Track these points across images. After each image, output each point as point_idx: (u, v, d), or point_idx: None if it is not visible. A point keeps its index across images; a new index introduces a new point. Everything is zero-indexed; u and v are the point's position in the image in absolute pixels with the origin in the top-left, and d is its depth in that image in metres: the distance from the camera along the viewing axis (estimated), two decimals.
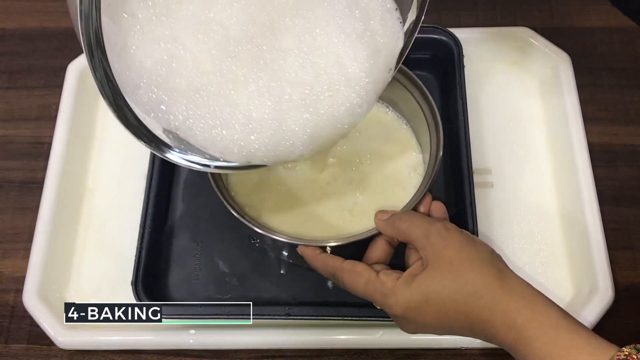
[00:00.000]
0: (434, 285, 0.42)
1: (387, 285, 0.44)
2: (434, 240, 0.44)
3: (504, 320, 0.40)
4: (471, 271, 0.42)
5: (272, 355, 0.57)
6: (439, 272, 0.43)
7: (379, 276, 0.45)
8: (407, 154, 0.58)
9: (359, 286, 0.46)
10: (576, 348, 0.38)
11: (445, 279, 0.42)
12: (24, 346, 0.58)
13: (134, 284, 0.54)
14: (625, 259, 0.59)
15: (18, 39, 0.75)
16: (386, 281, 0.45)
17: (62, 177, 0.62)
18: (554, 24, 0.72)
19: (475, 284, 0.42)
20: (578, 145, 0.62)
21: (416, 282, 0.43)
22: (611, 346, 0.38)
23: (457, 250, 0.43)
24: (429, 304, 0.42)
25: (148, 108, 0.41)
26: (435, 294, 0.42)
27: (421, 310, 0.43)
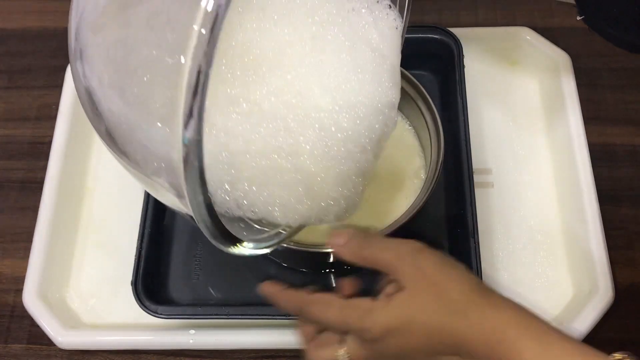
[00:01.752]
0: (416, 304, 0.39)
1: (363, 306, 0.41)
2: (409, 260, 0.41)
3: (493, 335, 0.38)
4: (454, 289, 0.40)
5: (272, 355, 0.57)
6: (421, 291, 0.40)
7: (351, 301, 0.42)
8: (410, 157, 0.58)
9: (331, 314, 0.41)
10: (569, 356, 0.38)
11: (428, 297, 0.39)
12: (24, 346, 0.58)
13: (134, 284, 0.54)
14: (625, 259, 0.59)
15: (18, 39, 0.75)
16: (361, 303, 0.41)
17: (62, 177, 0.62)
18: (554, 24, 0.72)
19: (460, 302, 0.39)
20: (578, 145, 0.62)
21: (395, 301, 0.40)
22: (602, 354, 0.38)
23: (435, 269, 0.40)
24: (412, 324, 0.39)
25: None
26: (419, 313, 0.39)
27: (404, 332, 0.39)
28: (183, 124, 0.28)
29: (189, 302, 0.58)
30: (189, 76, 0.28)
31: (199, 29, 0.27)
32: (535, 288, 0.58)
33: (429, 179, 0.53)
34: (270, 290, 0.45)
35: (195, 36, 0.27)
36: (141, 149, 0.36)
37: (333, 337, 0.43)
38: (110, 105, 0.36)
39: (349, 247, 0.43)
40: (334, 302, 0.42)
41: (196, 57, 0.27)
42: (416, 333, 0.39)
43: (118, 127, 0.37)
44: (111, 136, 0.38)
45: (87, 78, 0.37)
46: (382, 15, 0.47)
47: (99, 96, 0.37)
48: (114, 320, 0.59)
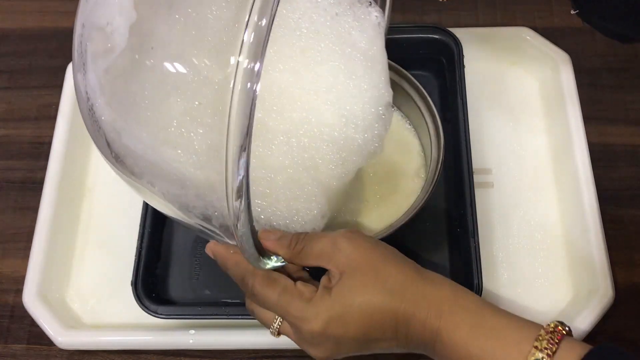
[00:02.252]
0: (356, 288, 0.39)
1: (305, 295, 0.40)
2: (343, 246, 0.40)
3: (430, 311, 0.39)
4: (391, 267, 0.40)
5: (272, 355, 0.57)
6: (359, 273, 0.39)
7: (296, 285, 0.41)
8: (410, 157, 0.58)
9: (271, 296, 0.40)
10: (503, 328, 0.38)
11: (367, 279, 0.39)
12: (24, 346, 0.58)
13: (133, 284, 0.54)
14: (625, 259, 0.59)
15: (18, 39, 0.75)
16: (304, 291, 0.40)
17: (62, 177, 0.62)
18: (554, 24, 0.72)
19: (397, 280, 0.39)
20: (578, 145, 0.62)
21: (336, 289, 0.39)
22: (536, 324, 0.39)
23: (370, 251, 0.40)
24: (353, 309, 0.39)
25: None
26: (360, 296, 0.39)
27: (345, 319, 0.39)
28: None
29: (189, 302, 0.58)
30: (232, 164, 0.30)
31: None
32: (535, 288, 0.58)
33: (429, 179, 0.53)
34: (218, 251, 0.43)
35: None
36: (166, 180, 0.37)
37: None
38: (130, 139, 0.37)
39: (283, 242, 0.41)
40: (279, 281, 0.41)
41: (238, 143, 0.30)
42: (357, 317, 0.39)
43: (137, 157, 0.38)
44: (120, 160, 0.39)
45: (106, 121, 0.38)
46: (364, 16, 0.47)
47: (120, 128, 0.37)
48: (114, 320, 0.59)
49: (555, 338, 0.36)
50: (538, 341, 0.36)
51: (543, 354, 0.35)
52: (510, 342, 0.37)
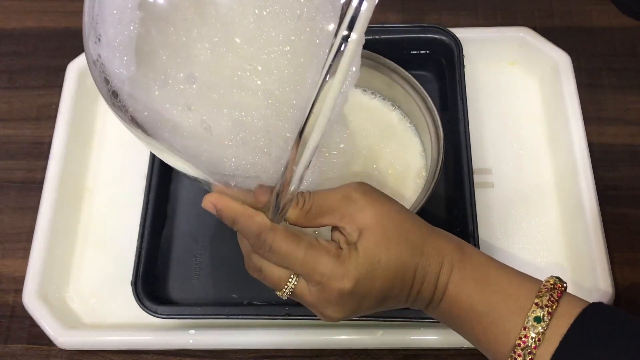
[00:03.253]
0: (381, 243, 0.38)
1: (333, 251, 0.38)
2: (359, 200, 0.39)
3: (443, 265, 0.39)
4: (409, 221, 0.40)
5: (272, 355, 0.57)
6: (380, 228, 0.38)
7: (319, 241, 0.39)
8: (412, 157, 0.58)
9: (297, 252, 0.37)
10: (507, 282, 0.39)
11: (390, 234, 0.38)
12: (24, 346, 0.58)
13: (133, 284, 0.54)
14: (625, 258, 0.59)
15: (18, 39, 0.75)
16: (331, 248, 0.38)
17: (62, 177, 0.62)
18: (554, 24, 0.72)
19: (416, 233, 0.40)
20: (578, 145, 0.62)
21: (362, 245, 0.38)
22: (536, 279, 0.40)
23: (386, 204, 0.40)
24: (381, 265, 0.38)
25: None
26: (386, 252, 0.38)
27: (373, 275, 0.38)
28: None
29: (188, 302, 0.58)
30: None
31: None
32: None
33: (429, 179, 0.53)
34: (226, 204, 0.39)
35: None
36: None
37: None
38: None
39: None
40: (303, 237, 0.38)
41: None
42: (383, 274, 0.38)
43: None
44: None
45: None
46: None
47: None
48: (114, 320, 0.59)
49: (555, 295, 0.37)
50: (538, 298, 0.37)
51: (544, 311, 0.37)
52: (512, 298, 0.38)
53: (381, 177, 0.57)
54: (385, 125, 0.60)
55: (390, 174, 0.57)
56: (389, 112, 0.61)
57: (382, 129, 0.60)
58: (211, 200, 0.39)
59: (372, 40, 0.63)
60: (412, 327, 0.55)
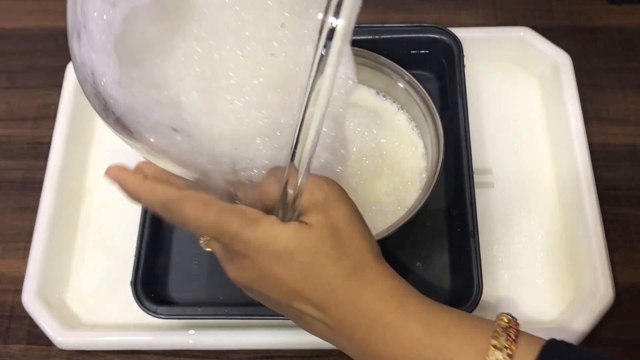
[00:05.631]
0: (308, 243, 0.35)
1: (250, 215, 0.36)
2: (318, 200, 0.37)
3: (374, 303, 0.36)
4: (353, 245, 0.37)
5: (272, 356, 0.57)
6: (319, 233, 0.36)
7: (236, 206, 0.36)
8: (414, 158, 0.58)
9: (207, 217, 0.36)
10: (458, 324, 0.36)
11: (324, 242, 0.36)
12: (23, 346, 0.58)
13: (133, 284, 0.54)
14: (625, 259, 0.59)
15: (18, 39, 0.75)
16: (248, 211, 0.36)
17: (62, 177, 0.62)
18: (554, 24, 0.72)
19: (354, 259, 0.36)
20: (578, 145, 0.61)
21: (289, 227, 0.35)
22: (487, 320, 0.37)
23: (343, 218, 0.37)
24: (294, 260, 0.35)
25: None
26: (307, 253, 0.35)
27: (281, 262, 0.35)
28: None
29: (188, 302, 0.58)
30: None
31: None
32: (535, 288, 0.58)
33: (429, 179, 0.53)
34: (122, 177, 0.38)
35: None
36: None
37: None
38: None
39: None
40: (214, 202, 0.36)
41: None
42: (292, 270, 0.36)
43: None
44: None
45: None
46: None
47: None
48: (113, 321, 0.59)
49: (511, 334, 0.35)
50: (495, 338, 0.35)
51: (503, 353, 0.34)
52: (466, 341, 0.35)
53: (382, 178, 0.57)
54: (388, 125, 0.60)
55: (392, 175, 0.57)
56: (393, 115, 0.61)
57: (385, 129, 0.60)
58: (112, 172, 0.38)
59: (372, 40, 0.63)
60: None
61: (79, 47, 0.37)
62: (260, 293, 0.38)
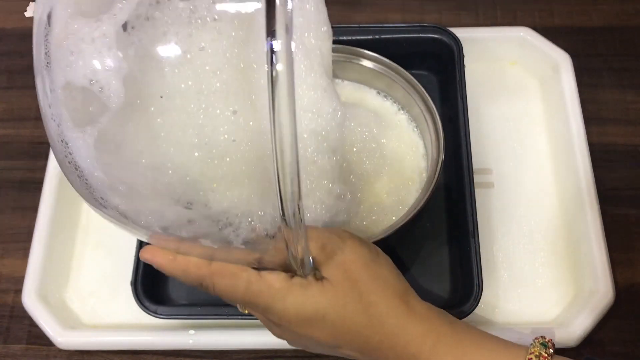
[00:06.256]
0: (334, 300, 0.37)
1: (275, 286, 0.37)
2: (334, 253, 0.38)
3: (408, 347, 0.37)
4: (376, 292, 0.38)
5: (272, 356, 0.57)
6: (341, 288, 0.37)
7: (262, 276, 0.37)
8: (414, 158, 0.58)
9: (237, 292, 0.38)
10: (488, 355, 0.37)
11: (348, 297, 0.37)
12: (23, 346, 0.58)
13: (133, 284, 0.54)
14: (625, 259, 0.59)
15: (18, 39, 0.75)
16: (274, 281, 0.37)
17: (62, 177, 0.62)
18: (554, 24, 0.72)
19: (380, 307, 0.37)
20: (578, 145, 0.61)
21: (313, 290, 0.37)
22: (521, 348, 0.38)
23: (361, 267, 0.38)
24: (325, 321, 0.37)
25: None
26: (335, 311, 0.37)
27: (315, 325, 0.37)
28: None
29: (188, 302, 0.58)
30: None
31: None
32: (535, 288, 0.58)
33: (429, 179, 0.53)
34: (158, 261, 0.39)
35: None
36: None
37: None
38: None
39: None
40: (241, 275, 0.37)
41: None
42: (326, 330, 0.37)
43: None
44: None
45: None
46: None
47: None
48: (113, 321, 0.59)
49: None
50: None
51: None
52: None
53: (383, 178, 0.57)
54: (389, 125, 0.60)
55: (392, 175, 0.57)
56: (393, 115, 0.61)
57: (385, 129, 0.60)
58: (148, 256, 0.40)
59: (372, 40, 0.63)
60: None
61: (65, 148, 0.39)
62: (304, 346, 0.42)
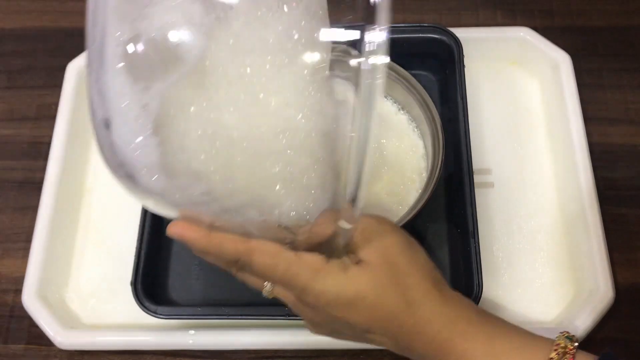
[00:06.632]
0: (373, 283, 0.37)
1: (315, 266, 0.37)
2: (373, 237, 0.38)
3: (440, 333, 0.38)
4: (414, 276, 0.38)
5: (272, 356, 0.57)
6: (380, 271, 0.37)
7: (300, 256, 0.37)
8: (415, 158, 0.58)
9: (277, 271, 0.37)
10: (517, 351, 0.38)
11: (387, 280, 0.37)
12: (23, 346, 0.58)
13: (133, 284, 0.54)
14: (625, 259, 0.59)
15: (18, 39, 0.74)
16: (313, 262, 0.37)
17: (62, 177, 0.62)
18: (554, 24, 0.72)
19: (416, 291, 0.38)
20: (578, 145, 0.61)
21: (353, 271, 0.37)
22: (546, 340, 0.39)
23: (399, 251, 0.38)
24: (365, 303, 0.37)
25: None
26: (375, 293, 0.37)
27: (353, 307, 0.37)
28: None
29: (188, 302, 0.58)
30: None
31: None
32: (536, 288, 0.58)
33: (429, 179, 0.53)
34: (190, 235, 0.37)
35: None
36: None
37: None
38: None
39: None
40: (281, 254, 0.37)
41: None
42: (363, 312, 0.37)
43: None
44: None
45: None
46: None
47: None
48: (113, 321, 0.59)
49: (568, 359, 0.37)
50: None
51: None
52: None
53: (383, 178, 0.57)
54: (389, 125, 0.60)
55: (392, 175, 0.57)
56: (394, 116, 0.61)
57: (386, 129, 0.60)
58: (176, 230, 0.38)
59: None
60: None
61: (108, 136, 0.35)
62: (332, 330, 0.41)
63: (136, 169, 0.35)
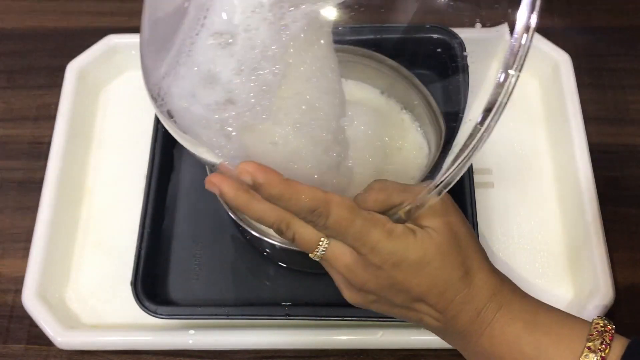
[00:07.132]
0: (439, 249, 0.38)
1: (388, 226, 0.38)
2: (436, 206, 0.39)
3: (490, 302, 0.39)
4: (472, 247, 0.40)
5: (272, 356, 0.57)
6: (445, 238, 0.38)
7: (374, 215, 0.38)
8: (417, 158, 0.58)
9: (354, 225, 0.36)
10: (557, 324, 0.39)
11: (451, 247, 0.38)
12: (23, 346, 0.58)
13: (133, 284, 0.54)
14: (625, 259, 0.59)
15: (17, 39, 0.75)
16: (385, 222, 0.38)
17: (62, 177, 0.62)
18: (554, 24, 0.72)
19: (474, 260, 0.39)
20: (578, 145, 0.62)
21: (422, 235, 0.38)
22: (584, 321, 0.40)
23: (460, 223, 0.40)
24: (429, 267, 0.38)
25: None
26: (440, 259, 0.38)
27: (417, 270, 0.37)
28: None
29: (188, 302, 0.58)
30: None
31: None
32: (536, 288, 0.58)
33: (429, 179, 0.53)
34: (267, 177, 0.36)
35: None
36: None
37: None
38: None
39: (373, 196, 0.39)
40: (358, 211, 0.37)
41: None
42: (425, 277, 0.38)
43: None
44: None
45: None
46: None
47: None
48: (113, 321, 0.59)
49: (606, 338, 0.37)
50: (590, 341, 0.37)
51: (597, 355, 0.37)
52: (563, 341, 0.38)
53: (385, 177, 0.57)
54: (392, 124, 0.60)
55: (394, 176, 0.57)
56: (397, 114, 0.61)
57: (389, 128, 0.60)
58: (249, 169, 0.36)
59: (374, 40, 0.63)
60: (412, 328, 0.55)
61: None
62: (381, 297, 0.40)
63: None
